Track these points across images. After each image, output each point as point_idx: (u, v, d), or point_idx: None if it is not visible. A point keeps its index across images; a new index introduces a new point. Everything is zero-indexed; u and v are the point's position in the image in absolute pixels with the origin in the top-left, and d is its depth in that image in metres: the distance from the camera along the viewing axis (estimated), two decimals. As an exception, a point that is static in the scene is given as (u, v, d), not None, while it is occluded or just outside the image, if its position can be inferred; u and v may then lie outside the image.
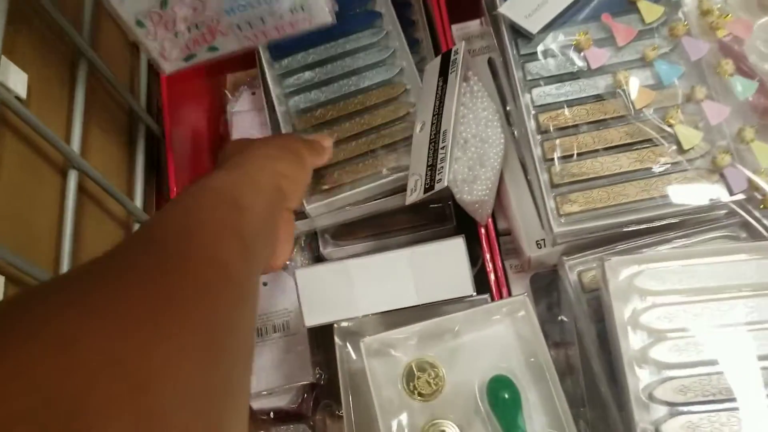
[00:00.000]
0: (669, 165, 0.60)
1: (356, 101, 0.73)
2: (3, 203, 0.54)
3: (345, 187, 0.68)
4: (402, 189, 0.66)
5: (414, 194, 0.62)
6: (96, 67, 0.67)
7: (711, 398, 0.52)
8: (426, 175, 0.61)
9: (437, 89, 0.66)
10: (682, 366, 0.53)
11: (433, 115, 0.64)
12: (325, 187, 0.69)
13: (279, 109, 0.74)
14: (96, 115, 0.69)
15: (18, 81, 0.57)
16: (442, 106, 0.64)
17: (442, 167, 0.59)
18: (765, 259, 0.55)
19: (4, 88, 0.54)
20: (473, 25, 0.80)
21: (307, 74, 0.75)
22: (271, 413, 0.78)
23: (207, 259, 0.35)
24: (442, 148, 0.61)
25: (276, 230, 0.51)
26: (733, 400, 0.52)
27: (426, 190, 0.60)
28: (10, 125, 0.56)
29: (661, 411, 0.52)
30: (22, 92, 0.57)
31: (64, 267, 0.58)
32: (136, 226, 0.71)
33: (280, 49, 0.75)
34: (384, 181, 0.68)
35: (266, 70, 0.76)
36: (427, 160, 0.62)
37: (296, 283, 0.65)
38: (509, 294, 0.69)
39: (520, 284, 0.73)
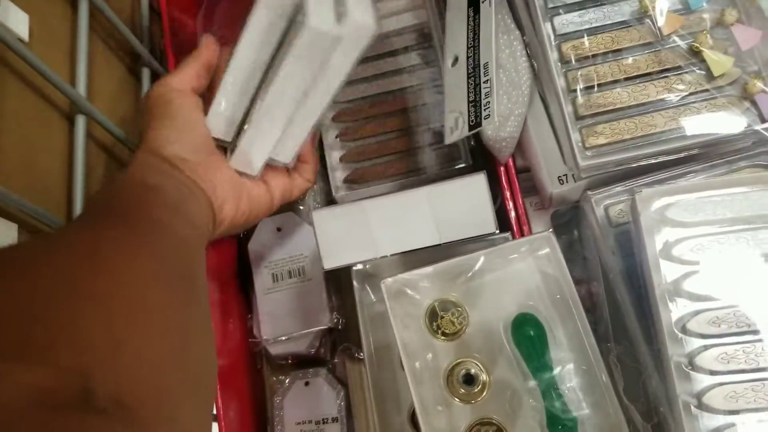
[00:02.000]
0: (699, 92, 0.57)
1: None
2: (10, 150, 0.52)
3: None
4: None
5: (456, 132, 0.60)
6: (97, 7, 0.64)
7: (745, 329, 0.51)
8: (469, 111, 0.58)
9: (468, 19, 0.63)
10: (715, 298, 0.52)
11: (468, 48, 0.62)
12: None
13: None
14: (100, 58, 0.67)
15: (19, 21, 0.55)
16: (477, 38, 0.61)
17: (488, 102, 0.57)
18: (801, 187, 0.53)
19: (5, 29, 0.52)
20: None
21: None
22: (290, 359, 0.78)
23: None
24: (485, 81, 0.58)
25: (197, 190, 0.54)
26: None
27: (471, 127, 0.58)
28: (13, 69, 0.54)
29: (695, 343, 0.51)
30: (24, 34, 0.55)
31: (77, 213, 0.56)
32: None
33: None
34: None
35: None
36: (468, 96, 0.59)
37: (314, 225, 0.63)
38: (530, 232, 0.68)
39: (540, 221, 0.72)
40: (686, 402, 0.51)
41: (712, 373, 0.51)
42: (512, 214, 0.67)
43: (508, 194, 0.67)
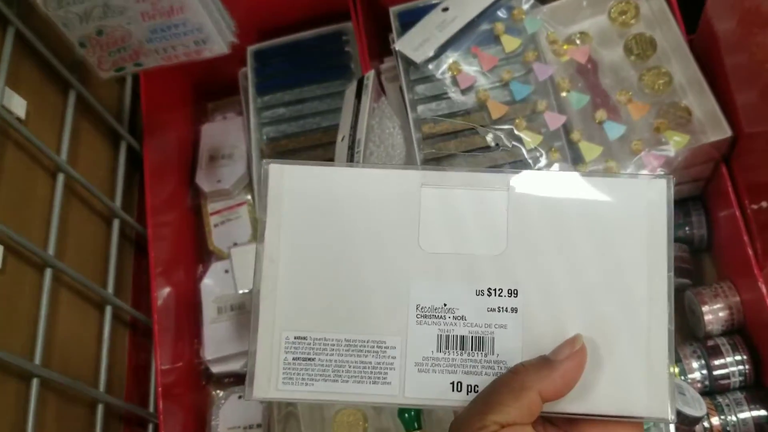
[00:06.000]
0: (516, 162, 0.76)
1: (315, 137, 0.91)
2: (6, 197, 0.72)
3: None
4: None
5: None
6: (83, 96, 0.86)
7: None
8: None
9: (353, 108, 0.83)
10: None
11: (351, 128, 0.82)
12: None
13: (252, 136, 0.93)
14: (84, 133, 0.88)
15: (19, 106, 0.76)
16: (357, 121, 0.81)
17: None
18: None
19: (7, 111, 0.73)
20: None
21: (282, 110, 0.94)
22: (231, 377, 0.96)
23: None
24: (357, 153, 0.78)
25: None
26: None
27: None
28: (13, 140, 0.75)
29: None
30: (22, 114, 0.76)
31: (51, 247, 0.76)
32: (116, 221, 0.90)
33: (264, 87, 0.96)
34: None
35: (250, 102, 0.95)
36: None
37: (230, 260, 0.82)
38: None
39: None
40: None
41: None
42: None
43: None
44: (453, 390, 0.43)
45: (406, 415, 0.73)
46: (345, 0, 0.95)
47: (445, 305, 0.44)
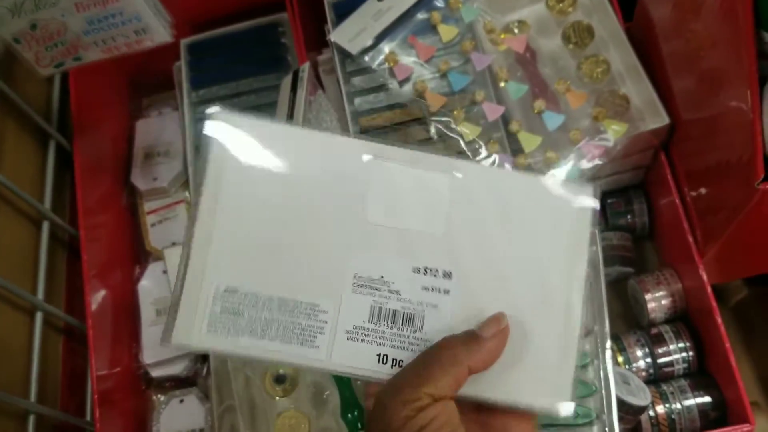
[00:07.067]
0: (456, 154, 0.75)
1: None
2: None
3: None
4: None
5: None
6: (6, 94, 0.82)
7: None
8: None
9: (289, 101, 0.81)
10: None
11: (286, 122, 0.79)
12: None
13: (188, 132, 0.90)
14: (11, 132, 0.84)
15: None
16: (293, 116, 0.79)
17: None
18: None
19: None
20: (331, 49, 0.95)
21: (217, 105, 0.91)
22: (171, 382, 0.93)
23: None
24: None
25: None
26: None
27: None
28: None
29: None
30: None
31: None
32: (45, 223, 0.86)
33: (199, 80, 0.93)
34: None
35: (184, 97, 0.92)
36: None
37: (165, 262, 0.79)
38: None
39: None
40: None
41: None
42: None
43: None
44: (379, 362, 0.44)
45: (350, 415, 0.72)
46: (280, -11, 0.92)
47: (382, 277, 0.44)
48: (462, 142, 0.74)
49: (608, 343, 0.67)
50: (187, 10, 0.95)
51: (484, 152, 0.74)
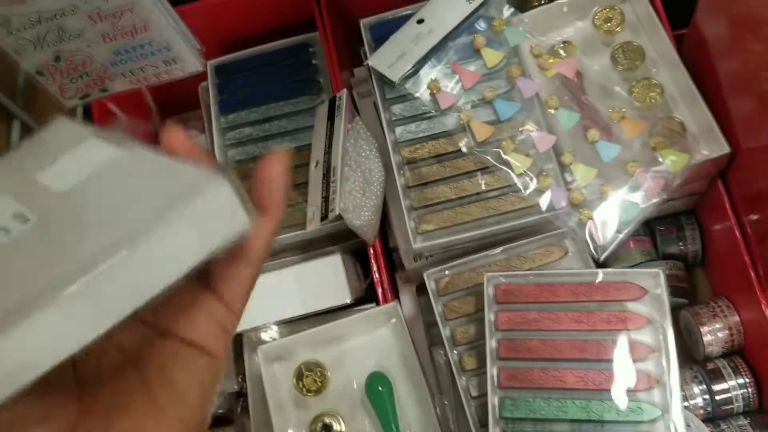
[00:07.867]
0: (505, 187, 0.71)
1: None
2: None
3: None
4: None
5: (312, 223, 0.73)
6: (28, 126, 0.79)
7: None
8: (321, 206, 0.72)
9: (326, 130, 0.77)
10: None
11: (325, 154, 0.76)
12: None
13: (218, 159, 0.86)
14: None
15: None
16: (331, 146, 0.75)
17: (334, 198, 0.70)
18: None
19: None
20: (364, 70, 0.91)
21: (248, 130, 0.87)
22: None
23: None
24: (333, 182, 0.72)
25: None
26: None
27: (322, 219, 0.71)
28: None
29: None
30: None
31: None
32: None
33: (227, 104, 0.88)
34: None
35: (213, 122, 0.87)
36: (322, 193, 0.73)
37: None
38: (399, 302, 0.80)
39: (408, 293, 0.84)
40: None
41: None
42: (379, 288, 0.79)
43: (375, 268, 0.80)
44: None
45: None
46: (310, 8, 0.88)
47: None
48: (513, 175, 0.70)
49: (679, 395, 0.63)
50: (214, 30, 0.92)
51: (533, 185, 0.70)
